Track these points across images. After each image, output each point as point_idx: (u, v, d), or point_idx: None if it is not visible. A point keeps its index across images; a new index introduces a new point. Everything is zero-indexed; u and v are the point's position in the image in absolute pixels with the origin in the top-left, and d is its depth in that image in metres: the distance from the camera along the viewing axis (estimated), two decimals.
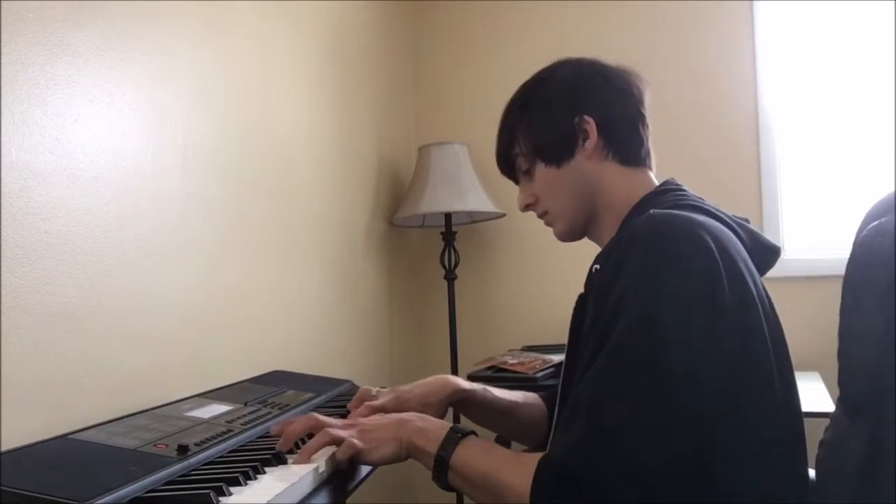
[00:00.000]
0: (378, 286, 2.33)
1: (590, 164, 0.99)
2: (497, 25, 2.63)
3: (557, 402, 0.96)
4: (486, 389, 1.14)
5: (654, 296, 0.77)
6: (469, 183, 2.30)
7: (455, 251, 2.41)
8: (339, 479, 0.86)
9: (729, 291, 0.78)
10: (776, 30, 2.29)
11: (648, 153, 1.03)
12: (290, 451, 0.90)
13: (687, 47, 2.38)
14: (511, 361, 1.99)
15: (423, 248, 2.65)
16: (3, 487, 0.66)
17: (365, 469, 0.92)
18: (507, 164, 1.08)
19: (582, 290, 0.94)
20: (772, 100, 2.27)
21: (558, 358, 1.98)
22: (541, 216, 1.07)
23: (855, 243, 0.78)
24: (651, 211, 0.84)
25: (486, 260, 2.59)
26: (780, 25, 2.29)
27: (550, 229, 1.07)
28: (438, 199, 2.26)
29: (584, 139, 0.99)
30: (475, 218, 2.48)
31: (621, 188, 0.99)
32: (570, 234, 1.06)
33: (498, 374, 1.95)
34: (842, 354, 0.78)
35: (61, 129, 1.08)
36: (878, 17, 2.15)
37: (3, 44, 0.99)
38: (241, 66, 1.60)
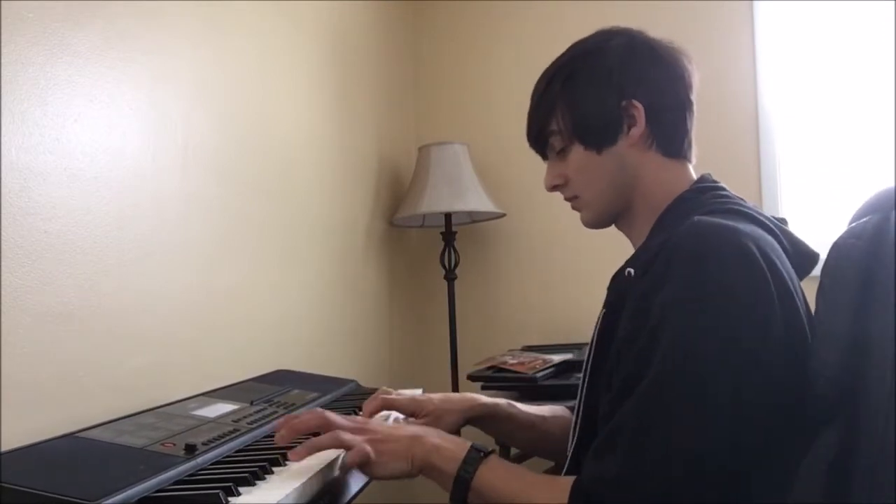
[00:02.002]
0: (378, 286, 2.33)
1: (632, 152, 0.93)
2: (497, 25, 2.62)
3: (580, 409, 0.91)
4: (510, 404, 1.09)
5: (700, 317, 0.72)
6: (469, 183, 2.30)
7: (455, 251, 2.41)
8: (330, 495, 0.82)
9: (779, 312, 0.73)
10: (776, 30, 2.29)
11: (691, 144, 0.96)
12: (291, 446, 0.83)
13: (687, 47, 2.37)
14: (511, 361, 1.99)
15: (423, 248, 2.64)
16: (6, 486, 0.66)
17: (355, 486, 0.87)
18: (540, 140, 0.99)
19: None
20: (772, 100, 2.27)
21: (559, 358, 1.98)
22: (568, 199, 0.99)
23: (831, 246, 0.74)
24: (696, 218, 0.78)
25: (486, 260, 2.59)
26: (780, 25, 2.28)
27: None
28: (438, 199, 2.25)
29: (631, 126, 0.92)
30: (475, 218, 2.48)
31: (660, 182, 0.93)
32: (598, 223, 0.99)
33: (498, 374, 1.94)
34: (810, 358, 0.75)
35: (61, 129, 1.08)
36: (878, 17, 2.14)
37: (3, 44, 0.99)
38: (241, 66, 1.60)
